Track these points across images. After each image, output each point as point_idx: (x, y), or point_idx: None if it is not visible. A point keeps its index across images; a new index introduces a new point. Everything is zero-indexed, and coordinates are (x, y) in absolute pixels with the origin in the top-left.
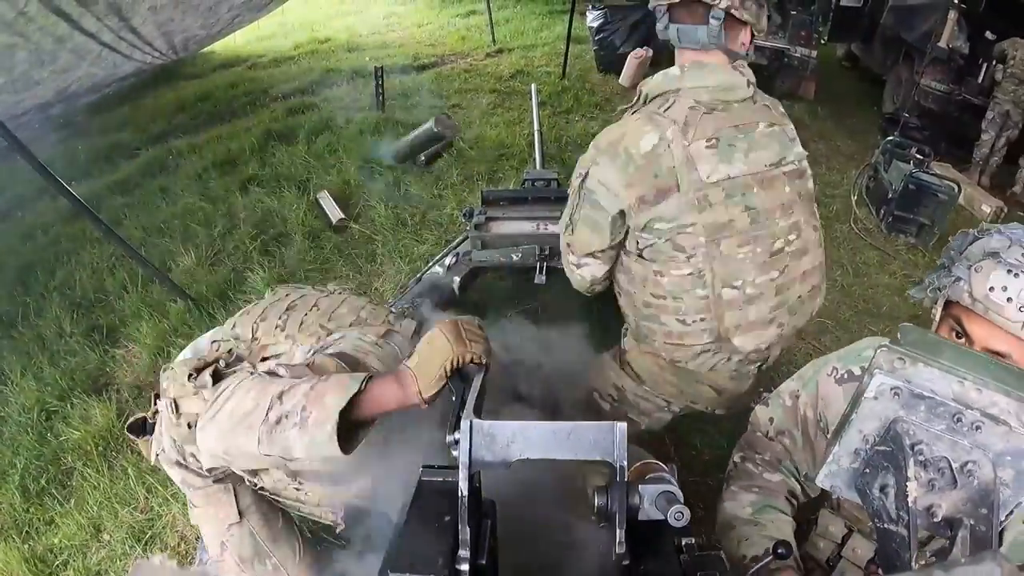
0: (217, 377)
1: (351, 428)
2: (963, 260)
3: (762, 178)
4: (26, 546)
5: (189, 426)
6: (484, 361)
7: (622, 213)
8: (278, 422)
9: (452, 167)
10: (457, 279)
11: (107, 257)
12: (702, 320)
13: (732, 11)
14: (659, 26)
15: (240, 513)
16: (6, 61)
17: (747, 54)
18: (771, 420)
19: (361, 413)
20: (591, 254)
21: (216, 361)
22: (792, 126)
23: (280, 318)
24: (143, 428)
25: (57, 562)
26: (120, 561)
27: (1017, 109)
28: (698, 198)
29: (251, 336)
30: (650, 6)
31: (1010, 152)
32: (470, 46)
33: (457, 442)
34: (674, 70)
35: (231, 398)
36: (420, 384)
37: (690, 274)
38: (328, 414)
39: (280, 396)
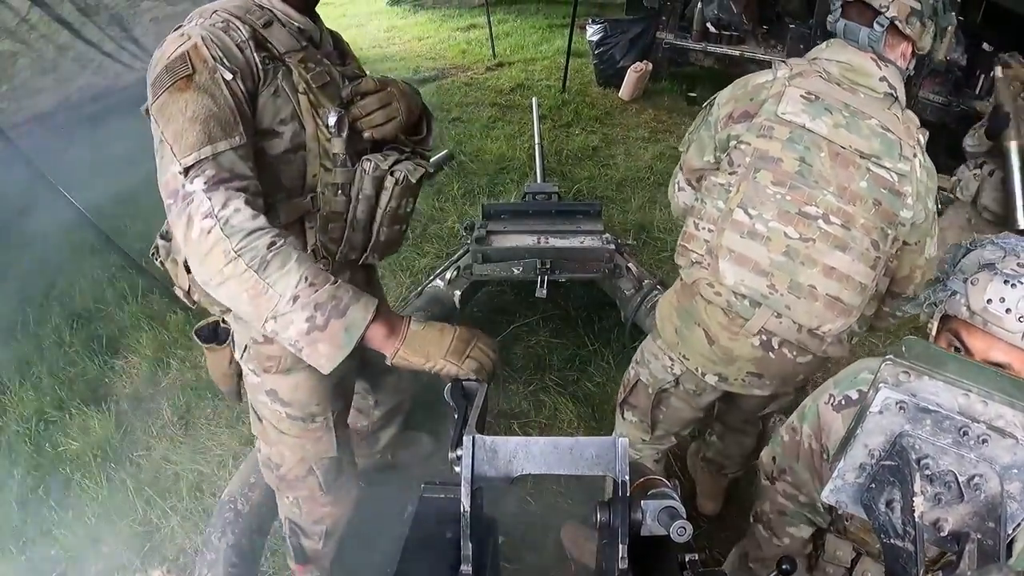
0: None
1: None
2: (958, 273)
3: (838, 151)
4: (23, 557)
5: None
6: (483, 379)
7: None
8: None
9: (453, 180)
10: (458, 293)
11: (107, 267)
12: (708, 231)
13: (896, 22)
14: (830, 18)
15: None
16: (7, 69)
17: (907, 70)
18: (774, 459)
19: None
20: (690, 182)
21: None
22: (918, 155)
23: None
24: (215, 334)
25: (54, 574)
26: (118, 574)
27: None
28: (764, 125)
29: None
30: None
31: None
32: (471, 60)
33: (459, 459)
34: (823, 44)
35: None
36: (402, 349)
37: (721, 184)
38: (338, 343)
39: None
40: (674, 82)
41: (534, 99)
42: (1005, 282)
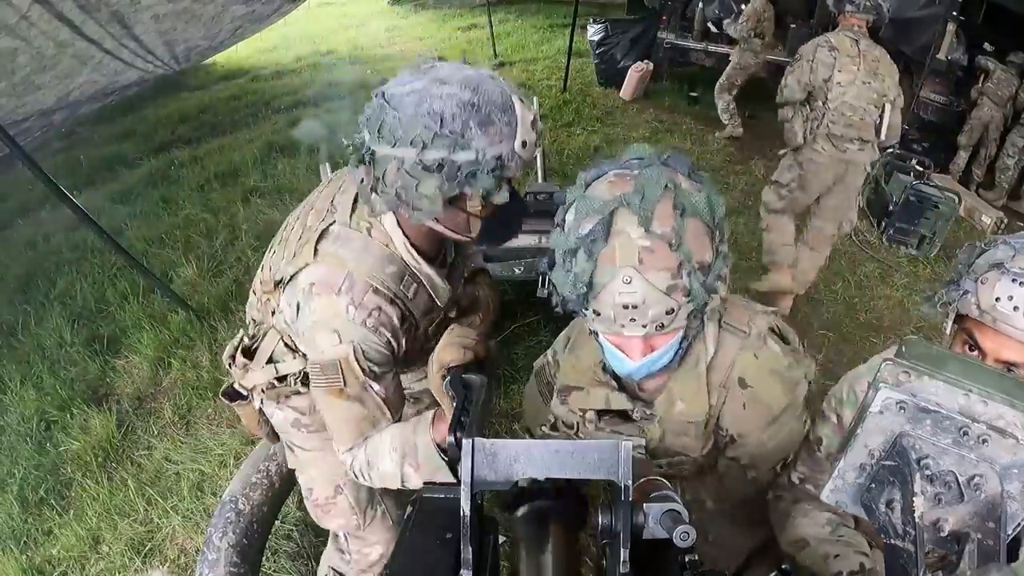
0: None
1: None
2: (970, 273)
3: None
4: (24, 557)
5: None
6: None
7: None
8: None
9: None
10: None
11: (108, 267)
12: None
13: None
14: None
15: None
16: (7, 65)
17: None
18: (820, 440)
19: None
20: None
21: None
22: None
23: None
24: (238, 392)
25: (55, 573)
26: (119, 573)
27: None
28: None
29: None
30: None
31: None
32: (472, 59)
33: (457, 443)
34: None
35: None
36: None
37: None
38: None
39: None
40: (675, 82)
41: (535, 99)
42: (1014, 280)
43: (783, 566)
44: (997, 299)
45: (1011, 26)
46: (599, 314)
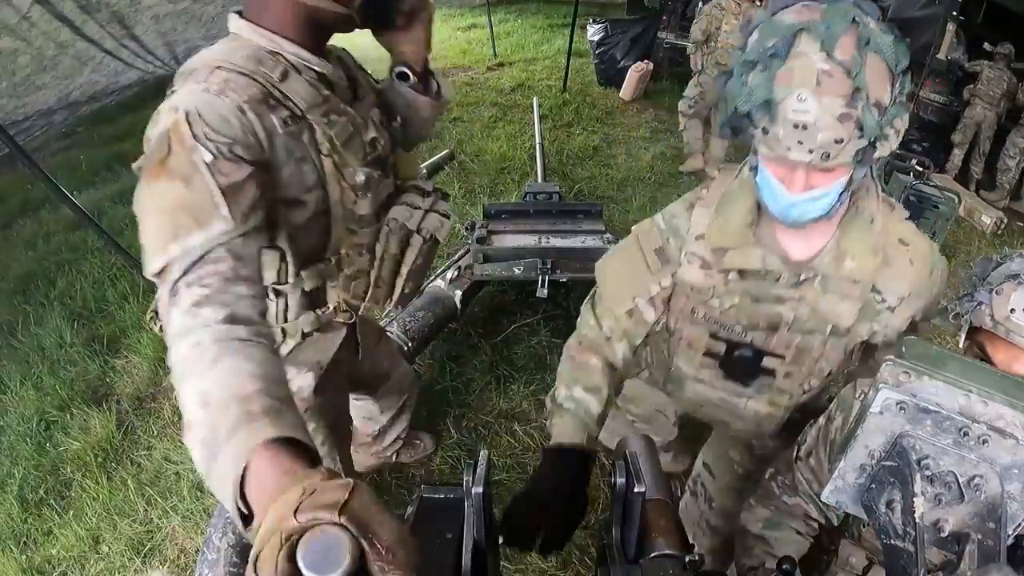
0: None
1: None
2: (986, 285)
3: None
4: (24, 557)
5: None
6: None
7: None
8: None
9: (453, 180)
10: (459, 292)
11: (108, 267)
12: None
13: None
14: None
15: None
16: (8, 66)
17: None
18: (804, 440)
19: None
20: None
21: None
22: None
23: None
24: None
25: (55, 574)
26: (119, 574)
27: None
28: None
29: None
30: None
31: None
32: (471, 59)
33: None
34: None
35: None
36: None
37: None
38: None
39: None
40: (675, 82)
41: (535, 99)
42: None
43: (784, 566)
44: (1012, 310)
45: (1011, 26)
46: (767, 133)
